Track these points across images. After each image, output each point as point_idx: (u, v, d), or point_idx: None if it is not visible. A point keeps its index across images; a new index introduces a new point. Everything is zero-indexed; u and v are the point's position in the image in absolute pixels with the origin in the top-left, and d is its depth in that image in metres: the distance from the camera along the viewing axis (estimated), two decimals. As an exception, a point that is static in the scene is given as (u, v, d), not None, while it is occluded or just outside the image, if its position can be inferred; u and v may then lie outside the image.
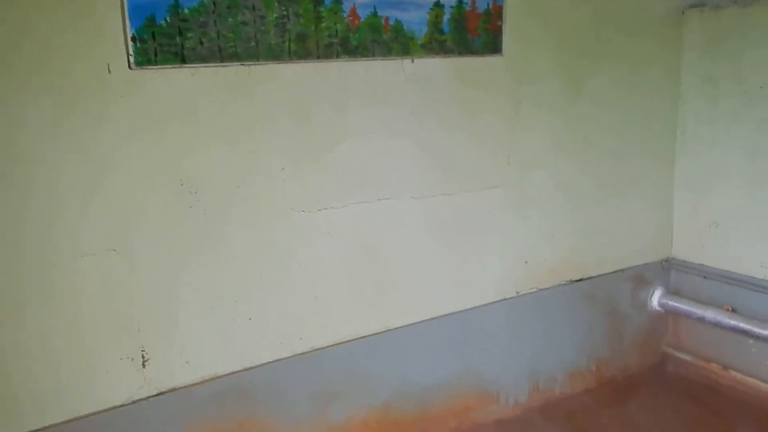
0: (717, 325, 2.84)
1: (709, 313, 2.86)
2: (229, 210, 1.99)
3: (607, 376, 3.02)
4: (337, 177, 2.18)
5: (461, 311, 2.54)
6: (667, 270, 3.12)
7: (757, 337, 2.68)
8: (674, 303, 3.04)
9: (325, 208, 2.17)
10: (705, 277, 2.97)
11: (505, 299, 2.64)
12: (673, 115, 2.97)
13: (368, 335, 2.33)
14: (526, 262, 2.67)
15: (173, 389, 1.94)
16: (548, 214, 2.70)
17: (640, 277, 3.05)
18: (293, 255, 2.13)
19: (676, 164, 3.02)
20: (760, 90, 2.61)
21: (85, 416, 1.81)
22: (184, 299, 1.94)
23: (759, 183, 2.70)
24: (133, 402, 1.88)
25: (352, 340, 2.29)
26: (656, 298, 3.09)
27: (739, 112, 2.72)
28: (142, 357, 1.88)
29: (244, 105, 1.96)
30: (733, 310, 2.83)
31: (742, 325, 2.72)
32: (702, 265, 2.99)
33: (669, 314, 3.14)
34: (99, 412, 1.82)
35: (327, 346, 2.23)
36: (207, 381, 2.00)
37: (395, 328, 2.39)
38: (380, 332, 2.35)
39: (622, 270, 2.98)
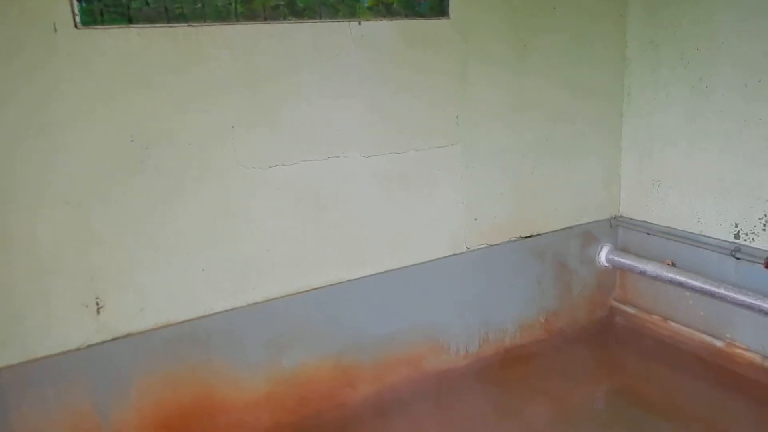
0: (657, 278, 2.99)
1: (650, 268, 3.01)
2: (180, 166, 2.08)
3: (557, 328, 3.17)
4: (287, 135, 2.27)
5: (413, 265, 2.66)
6: (615, 227, 3.26)
7: (693, 289, 2.83)
8: (621, 259, 3.18)
9: (276, 165, 2.27)
10: (648, 234, 3.11)
11: (455, 254, 2.76)
12: (620, 76, 3.08)
13: (321, 287, 2.44)
14: (476, 219, 2.79)
15: (128, 335, 2.06)
16: (498, 173, 2.82)
17: (588, 235, 3.19)
18: (245, 210, 2.23)
19: (624, 125, 3.14)
20: (697, 52, 2.72)
21: (42, 358, 1.92)
22: (137, 250, 2.04)
23: (695, 143, 2.83)
24: (89, 346, 1.99)
25: (305, 291, 2.41)
26: (604, 255, 3.23)
27: (678, 73, 2.84)
28: (97, 304, 1.99)
29: (191, 65, 2.04)
30: (674, 264, 2.98)
31: (679, 277, 2.87)
32: (646, 222, 3.13)
33: (617, 270, 3.29)
34: (55, 355, 1.94)
35: (280, 297, 2.35)
36: (161, 328, 2.11)
37: (349, 281, 2.51)
38: (333, 284, 2.47)
39: (570, 227, 3.12)
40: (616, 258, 3.20)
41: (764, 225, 2.62)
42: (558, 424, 2.49)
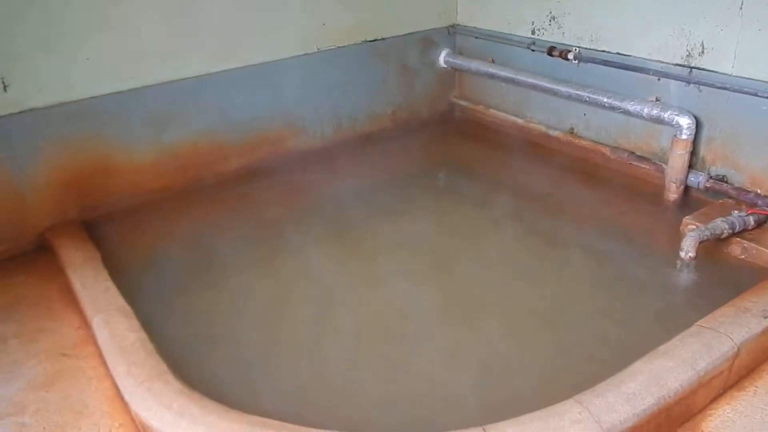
0: (480, 73, 3.69)
1: (475, 65, 3.70)
2: (56, -29, 2.56)
3: (402, 120, 3.88)
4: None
5: (269, 62, 3.25)
6: (453, 34, 3.89)
7: (504, 79, 3.55)
8: (456, 60, 3.85)
9: (140, -28, 2.76)
10: (477, 38, 3.77)
11: (307, 53, 3.36)
12: None
13: (192, 77, 3.02)
14: (323, 24, 3.36)
15: (32, 109, 2.64)
16: (343, -17, 3.36)
17: (429, 40, 3.82)
18: (117, 8, 2.74)
19: (457, -58, 3.68)
20: None
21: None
22: (31, 40, 2.56)
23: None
24: (1, 117, 2.57)
25: (178, 80, 2.99)
26: (442, 57, 3.89)
27: None
28: (3, 83, 2.55)
29: None
30: (493, 61, 3.68)
31: (492, 70, 3.58)
32: (475, 27, 3.77)
33: (455, 71, 3.97)
34: (-27, 120, 2.54)
35: (156, 84, 2.93)
36: (58, 105, 2.70)
37: (215, 73, 3.10)
38: (202, 75, 3.06)
39: (412, 33, 3.73)
40: (452, 60, 3.87)
41: (549, 21, 3.30)
42: (393, 184, 3.27)
